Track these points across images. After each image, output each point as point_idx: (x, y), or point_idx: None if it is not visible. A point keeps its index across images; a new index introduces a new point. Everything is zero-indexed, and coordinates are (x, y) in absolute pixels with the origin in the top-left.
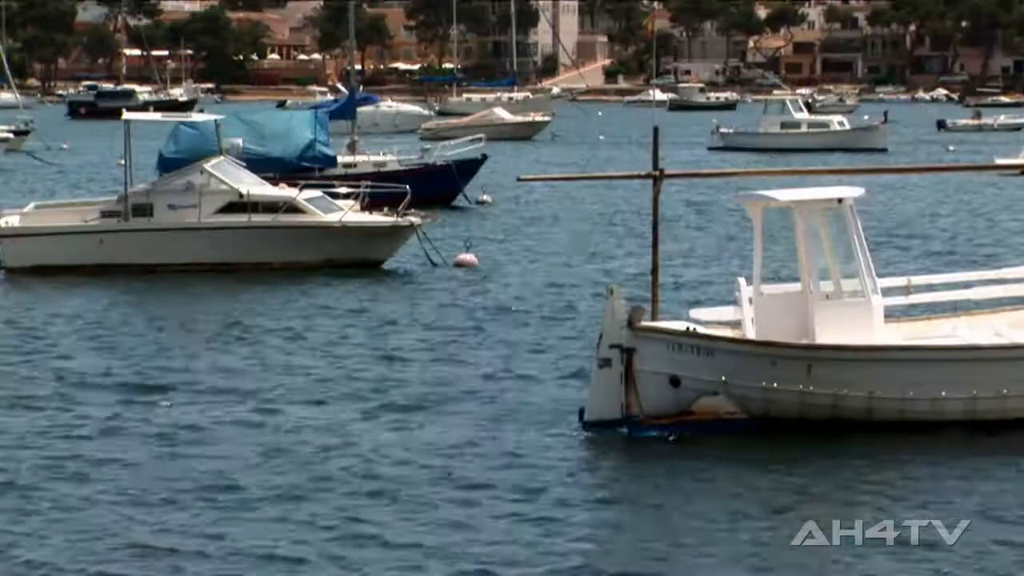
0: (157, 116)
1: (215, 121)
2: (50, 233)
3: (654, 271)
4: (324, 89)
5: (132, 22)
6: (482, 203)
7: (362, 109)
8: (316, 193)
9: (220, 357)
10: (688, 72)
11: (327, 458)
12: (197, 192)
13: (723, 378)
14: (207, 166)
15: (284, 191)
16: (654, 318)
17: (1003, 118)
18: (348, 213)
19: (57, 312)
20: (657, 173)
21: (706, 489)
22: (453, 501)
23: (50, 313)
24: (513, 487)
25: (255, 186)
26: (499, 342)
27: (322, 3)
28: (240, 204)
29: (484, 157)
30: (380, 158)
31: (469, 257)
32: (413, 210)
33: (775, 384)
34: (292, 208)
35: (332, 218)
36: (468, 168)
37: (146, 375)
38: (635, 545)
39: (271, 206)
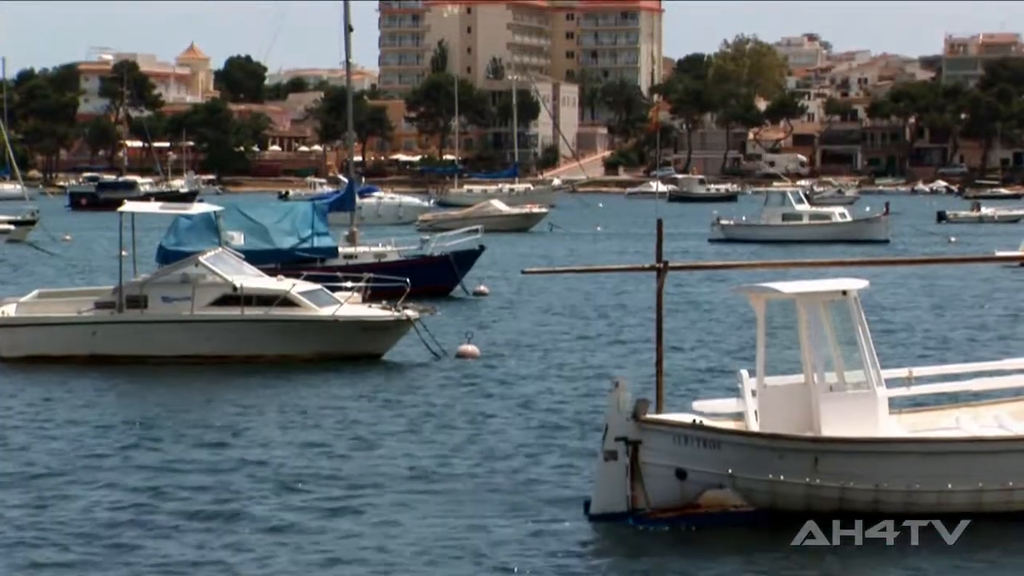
0: (155, 207)
1: (214, 212)
2: (44, 324)
3: (658, 363)
4: (323, 180)
5: (134, 114)
6: (479, 294)
7: (366, 200)
8: (313, 286)
9: (202, 450)
10: (772, 163)
11: (328, 546)
12: (191, 284)
13: (729, 471)
14: (202, 259)
15: (278, 284)
16: (658, 410)
17: (990, 210)
18: (343, 307)
19: (37, 402)
20: (661, 265)
21: None
22: None
23: (32, 402)
24: None
25: (249, 279)
26: (502, 433)
27: (323, 95)
28: (234, 297)
29: (481, 248)
30: (380, 249)
31: (471, 348)
32: (411, 303)
33: (781, 477)
34: (286, 302)
35: (326, 312)
36: (465, 259)
37: (121, 469)
38: None
39: (265, 299)
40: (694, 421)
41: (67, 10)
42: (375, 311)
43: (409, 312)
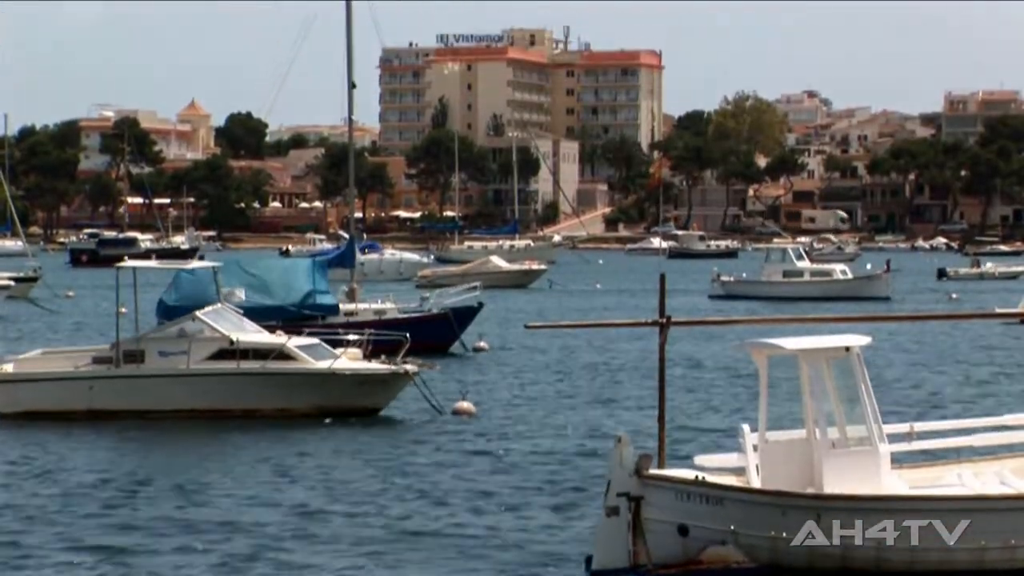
0: (152, 264)
1: (213, 269)
2: (40, 379)
3: (660, 418)
4: (322, 237)
5: (134, 170)
6: (479, 350)
7: (368, 257)
8: (311, 340)
9: (185, 510)
10: (813, 220)
11: None
12: (188, 339)
13: (732, 527)
14: (200, 313)
15: (275, 338)
16: (660, 465)
17: (989, 265)
18: (339, 360)
19: (25, 458)
20: (664, 320)
21: None
22: None
23: (19, 459)
24: None
25: (246, 333)
26: (500, 490)
27: (323, 151)
28: (230, 351)
29: (480, 305)
30: (380, 306)
31: (467, 405)
32: (410, 358)
33: (784, 534)
34: (282, 355)
35: (322, 365)
36: (464, 316)
37: (107, 533)
38: None
39: (261, 353)
40: (696, 477)
41: (68, 67)
42: (372, 364)
43: (407, 366)
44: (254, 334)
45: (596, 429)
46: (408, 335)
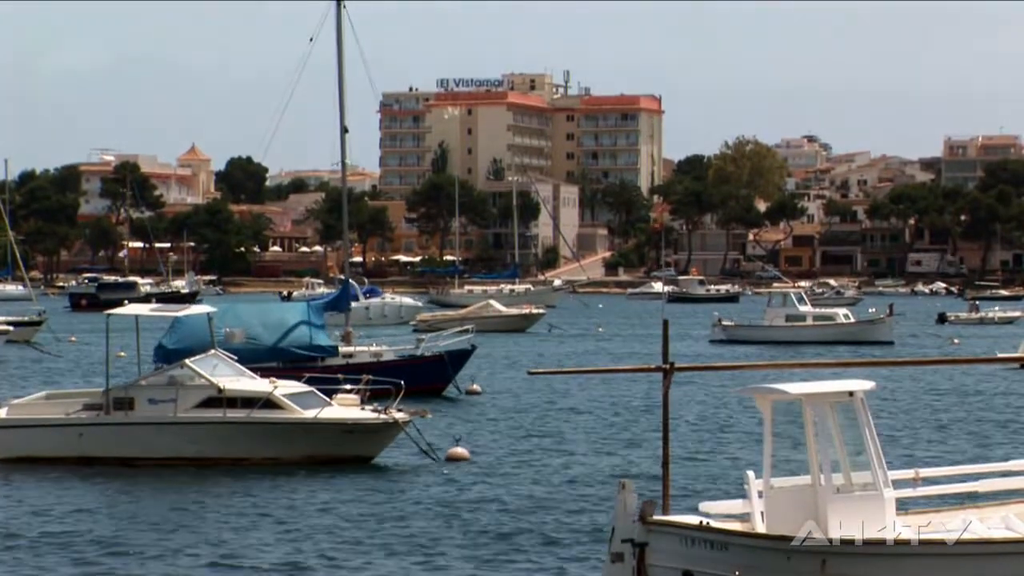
0: (144, 311)
1: (208, 314)
2: (32, 425)
3: (664, 464)
4: (319, 281)
5: (135, 214)
6: (471, 393)
7: (371, 301)
8: (304, 388)
9: (184, 560)
10: (919, 262)
11: None
12: (176, 386)
13: (737, 572)
14: (189, 361)
15: (264, 386)
16: (665, 511)
17: (996, 309)
18: (327, 410)
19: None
20: (668, 366)
21: None
22: None
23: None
24: None
25: (234, 380)
26: (498, 536)
27: (323, 196)
28: (218, 399)
29: (473, 347)
30: (377, 348)
31: (461, 451)
32: (404, 404)
33: None
34: (269, 403)
35: (309, 415)
36: (459, 358)
37: None
38: None
39: (249, 401)
40: (701, 522)
41: (69, 111)
42: (361, 414)
43: (398, 415)
44: (244, 381)
45: (593, 474)
46: (402, 381)
